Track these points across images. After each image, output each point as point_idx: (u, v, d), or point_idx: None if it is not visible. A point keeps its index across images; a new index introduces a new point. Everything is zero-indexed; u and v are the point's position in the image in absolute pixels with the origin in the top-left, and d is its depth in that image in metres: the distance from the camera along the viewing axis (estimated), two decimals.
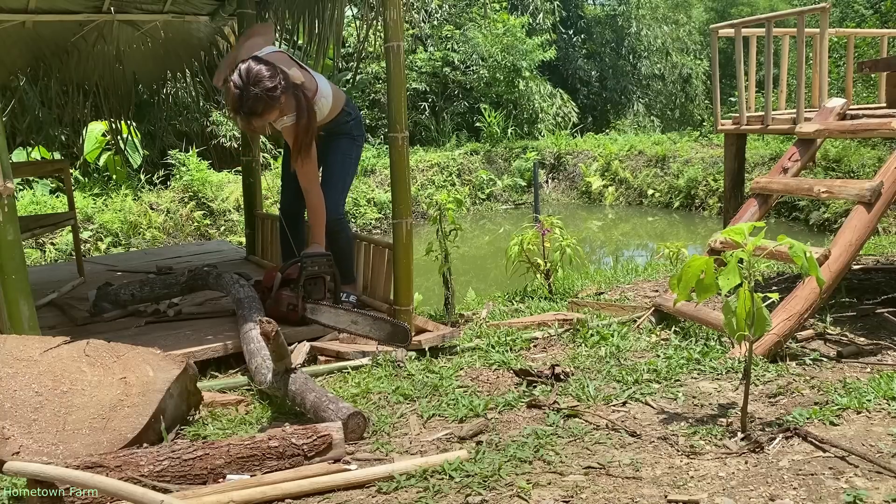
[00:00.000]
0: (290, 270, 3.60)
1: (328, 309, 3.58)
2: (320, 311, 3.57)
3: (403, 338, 3.36)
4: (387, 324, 3.44)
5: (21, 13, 4.57)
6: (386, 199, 11.96)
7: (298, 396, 2.62)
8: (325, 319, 3.56)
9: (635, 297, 4.52)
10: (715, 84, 5.31)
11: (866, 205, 3.37)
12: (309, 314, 3.58)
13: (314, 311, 3.58)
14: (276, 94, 3.34)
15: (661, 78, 20.41)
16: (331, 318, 3.54)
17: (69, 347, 2.60)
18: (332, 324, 3.53)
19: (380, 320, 3.48)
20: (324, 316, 3.57)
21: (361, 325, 3.47)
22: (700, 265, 2.38)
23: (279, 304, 3.57)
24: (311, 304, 3.58)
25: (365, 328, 3.46)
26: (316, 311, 3.58)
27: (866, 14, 13.18)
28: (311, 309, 3.58)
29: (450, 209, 4.10)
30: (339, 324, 3.52)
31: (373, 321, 3.46)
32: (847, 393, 2.66)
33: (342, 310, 3.57)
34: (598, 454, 2.29)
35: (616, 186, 13.88)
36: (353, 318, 3.51)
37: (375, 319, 3.47)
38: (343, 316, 3.53)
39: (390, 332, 3.42)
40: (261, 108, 3.33)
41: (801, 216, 10.46)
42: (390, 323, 3.44)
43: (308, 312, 3.58)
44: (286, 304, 3.56)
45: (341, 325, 3.51)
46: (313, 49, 4.98)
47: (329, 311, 3.57)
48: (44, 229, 4.90)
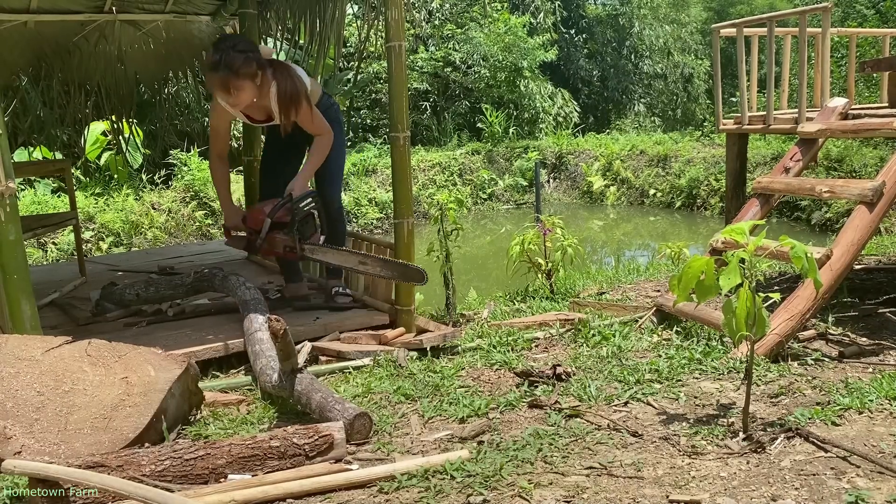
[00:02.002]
0: (281, 213, 3.52)
1: (329, 249, 3.52)
2: (321, 251, 3.51)
3: (419, 277, 3.34)
4: (398, 265, 3.40)
5: (23, 13, 4.57)
6: (387, 199, 11.96)
7: (304, 397, 2.62)
8: (331, 259, 3.50)
9: (637, 297, 4.52)
10: (716, 84, 5.30)
11: (868, 205, 3.37)
12: (309, 254, 3.53)
13: (314, 252, 3.53)
14: (252, 56, 3.37)
15: (662, 77, 20.39)
16: (336, 258, 3.49)
17: (71, 347, 2.60)
18: (338, 263, 3.48)
19: (391, 261, 3.43)
20: (328, 255, 3.51)
21: (372, 266, 3.42)
22: (700, 266, 2.38)
23: (274, 246, 3.52)
24: (308, 245, 3.53)
25: (375, 268, 3.41)
26: (316, 251, 3.53)
27: (868, 14, 13.16)
28: (309, 249, 3.53)
29: (451, 209, 4.10)
30: (346, 263, 3.46)
31: (383, 262, 3.41)
32: (849, 393, 2.65)
33: (346, 250, 3.53)
34: (599, 454, 2.29)
35: (618, 186, 13.87)
36: (361, 258, 3.46)
37: (386, 261, 3.43)
38: (349, 256, 3.49)
39: (403, 271, 3.37)
40: (238, 63, 3.30)
41: (803, 216, 10.45)
42: (402, 264, 3.41)
43: (308, 252, 3.52)
44: (282, 247, 3.52)
45: (349, 264, 3.45)
46: (314, 49, 4.99)
47: (331, 251, 3.51)
48: (45, 229, 4.90)
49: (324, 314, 3.78)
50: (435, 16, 17.25)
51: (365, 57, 13.27)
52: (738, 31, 4.70)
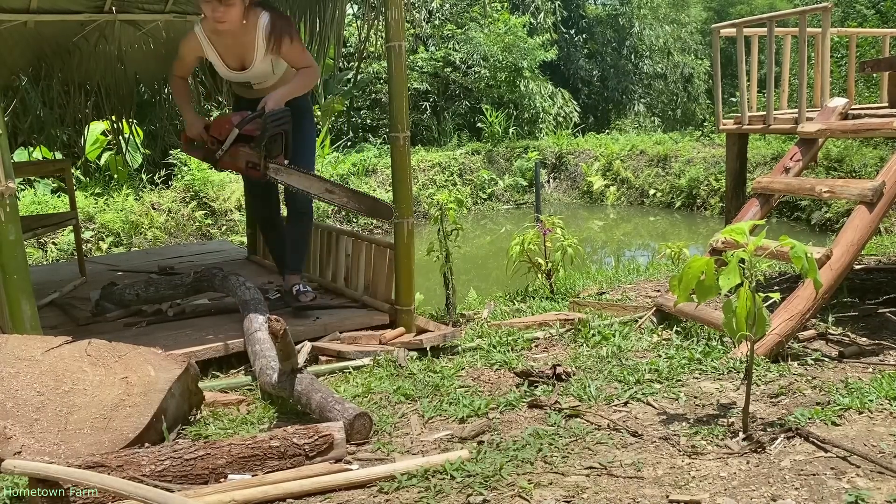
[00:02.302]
0: (250, 127, 3.41)
1: (295, 171, 3.41)
2: (286, 173, 3.41)
3: (387, 213, 3.30)
4: (367, 198, 3.35)
5: (23, 13, 4.57)
6: (387, 199, 11.95)
7: (304, 397, 2.62)
8: (295, 182, 3.38)
9: (637, 297, 4.52)
10: (716, 84, 5.30)
11: (868, 205, 3.37)
12: (272, 174, 3.43)
13: (279, 172, 3.43)
14: None
15: (662, 77, 20.38)
16: (300, 182, 3.38)
17: (71, 347, 2.60)
18: (302, 187, 3.36)
19: (360, 194, 3.37)
20: (292, 178, 3.39)
21: (339, 195, 3.33)
22: (700, 266, 2.38)
23: (236, 160, 3.42)
24: (273, 164, 3.43)
25: (342, 198, 3.33)
26: (280, 171, 3.43)
27: (868, 14, 13.16)
28: (274, 169, 3.43)
29: (451, 209, 4.10)
30: (311, 189, 3.35)
31: (352, 193, 3.33)
32: (849, 393, 2.65)
33: (314, 176, 3.41)
34: (599, 454, 2.29)
35: (617, 186, 13.87)
36: (328, 186, 3.36)
37: (355, 192, 3.36)
38: (315, 182, 3.38)
39: (372, 205, 3.31)
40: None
41: (803, 216, 10.44)
42: (371, 198, 3.36)
43: (272, 172, 3.43)
44: (245, 161, 3.42)
45: (314, 190, 3.35)
46: (314, 49, 4.98)
47: (296, 174, 3.40)
48: (45, 229, 4.91)
49: (324, 314, 3.78)
50: (435, 16, 17.25)
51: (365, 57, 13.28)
52: (738, 31, 4.69)
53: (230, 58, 3.56)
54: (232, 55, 3.54)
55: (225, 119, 3.51)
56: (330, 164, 12.88)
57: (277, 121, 3.40)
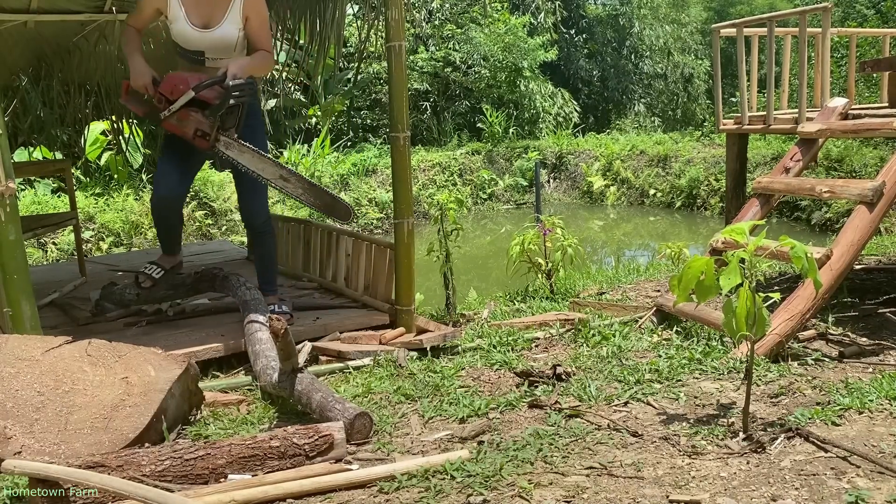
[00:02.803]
0: (208, 93, 3.16)
1: (248, 149, 3.19)
2: (237, 149, 3.19)
3: (345, 214, 3.17)
4: (326, 194, 3.17)
5: (23, 13, 4.56)
6: (387, 199, 11.96)
7: (305, 396, 2.62)
8: (247, 162, 3.16)
9: (637, 297, 4.52)
10: (716, 84, 5.30)
11: (868, 205, 3.37)
12: (222, 147, 3.21)
13: (229, 147, 3.20)
14: None
15: (662, 77, 20.38)
16: (252, 162, 3.17)
17: (71, 347, 2.60)
18: (253, 169, 3.16)
19: (318, 187, 3.18)
20: (244, 156, 3.17)
21: (294, 185, 3.16)
22: (700, 266, 2.38)
23: (184, 125, 3.17)
24: (225, 137, 3.20)
25: (297, 189, 3.15)
26: (231, 146, 3.20)
27: (868, 14, 13.16)
28: (225, 142, 3.20)
29: (451, 209, 4.10)
30: (263, 172, 3.15)
31: (309, 185, 3.14)
32: (849, 393, 2.65)
33: (268, 159, 3.22)
34: (599, 454, 2.29)
35: (618, 186, 13.87)
36: (283, 172, 3.16)
37: (313, 185, 3.17)
38: (269, 166, 3.19)
39: (329, 202, 3.13)
40: None
41: (803, 216, 10.44)
42: (330, 194, 3.20)
43: (222, 145, 3.20)
44: (194, 128, 3.17)
45: (266, 175, 3.14)
46: (314, 49, 4.99)
47: (249, 152, 3.19)
48: (45, 229, 4.91)
49: (324, 314, 3.78)
50: (435, 16, 17.25)
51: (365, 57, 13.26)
52: (738, 31, 4.69)
53: (196, 13, 3.28)
54: (198, 11, 3.28)
55: (179, 77, 3.23)
56: (330, 164, 12.88)
57: (240, 90, 3.16)
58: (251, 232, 3.71)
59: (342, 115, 15.63)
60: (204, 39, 3.32)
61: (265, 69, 3.57)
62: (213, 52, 3.35)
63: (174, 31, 3.31)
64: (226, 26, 3.31)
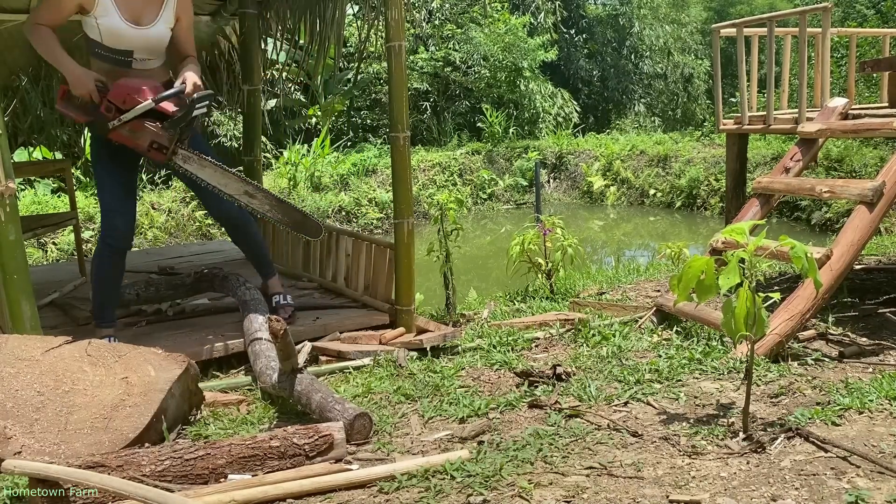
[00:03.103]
0: (170, 103, 3.00)
1: (210, 163, 3.03)
2: (198, 163, 3.03)
3: (315, 231, 3.07)
4: (297, 211, 3.07)
5: (23, 13, 4.57)
6: (387, 199, 11.96)
7: (304, 397, 2.62)
8: (207, 176, 3.00)
9: (637, 297, 4.52)
10: (716, 84, 5.30)
11: (868, 205, 3.37)
12: (180, 161, 3.04)
13: (188, 161, 3.04)
14: None
15: (662, 77, 20.38)
16: (214, 177, 3.01)
17: (71, 347, 2.60)
18: (215, 184, 3.01)
19: (287, 204, 3.07)
20: (205, 171, 3.01)
21: (260, 201, 3.03)
22: (700, 266, 2.38)
23: (137, 137, 2.98)
24: (183, 151, 3.04)
25: (264, 205, 3.04)
26: (190, 160, 3.04)
27: (868, 14, 13.16)
28: (183, 156, 3.04)
29: (451, 209, 4.10)
30: (226, 187, 3.00)
31: (277, 201, 3.01)
32: (849, 393, 2.65)
33: (232, 173, 3.08)
34: (599, 454, 2.29)
35: (618, 186, 13.87)
36: (249, 188, 3.00)
37: (281, 201, 3.06)
38: (233, 180, 3.04)
39: (299, 220, 3.03)
40: None
41: (803, 216, 10.45)
42: (301, 212, 3.08)
43: (179, 159, 3.04)
44: (149, 141, 2.99)
45: (230, 190, 2.99)
46: (314, 49, 4.98)
47: (210, 166, 3.03)
48: (45, 229, 4.91)
49: (324, 314, 3.78)
50: (435, 16, 17.25)
51: (365, 57, 13.26)
52: (738, 31, 4.69)
53: (127, 9, 3.04)
54: (129, 6, 3.04)
55: (131, 86, 3.01)
56: (330, 164, 12.88)
57: (203, 101, 3.03)
58: (230, 227, 3.49)
59: (342, 115, 15.63)
60: (137, 38, 3.08)
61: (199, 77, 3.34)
62: (144, 53, 3.13)
63: (104, 26, 3.02)
64: (160, 25, 3.13)
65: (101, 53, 3.09)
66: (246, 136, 5.20)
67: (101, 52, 3.09)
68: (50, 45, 3.06)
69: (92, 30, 3.05)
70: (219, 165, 3.12)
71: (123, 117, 2.97)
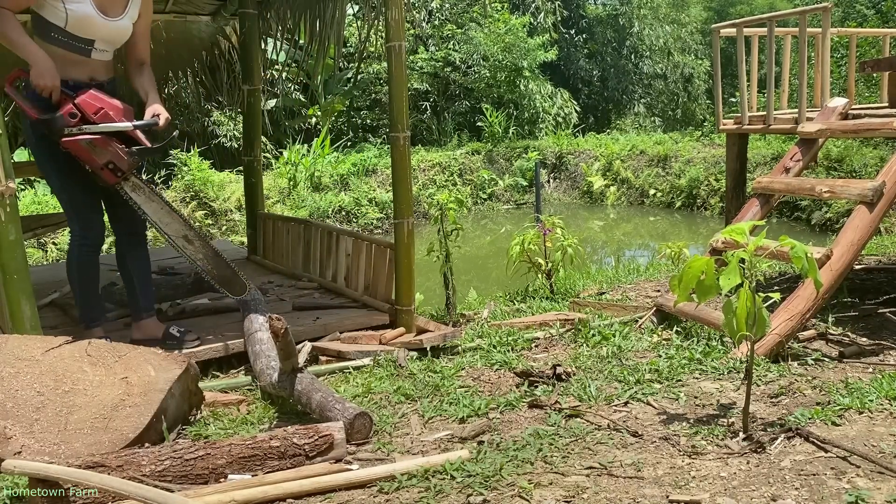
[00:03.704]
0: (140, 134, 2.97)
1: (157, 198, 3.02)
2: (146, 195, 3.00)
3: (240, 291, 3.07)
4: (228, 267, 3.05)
5: (23, 13, 4.56)
6: (387, 199, 11.96)
7: (304, 396, 2.62)
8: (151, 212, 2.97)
9: (637, 297, 4.52)
10: (716, 84, 5.30)
11: (868, 205, 3.37)
12: (129, 189, 3.00)
13: (136, 189, 3.00)
14: None
15: (662, 77, 20.39)
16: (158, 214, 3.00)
17: (71, 347, 2.60)
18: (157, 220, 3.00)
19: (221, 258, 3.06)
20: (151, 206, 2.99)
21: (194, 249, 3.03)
22: (701, 266, 2.38)
23: (97, 153, 2.88)
24: (136, 179, 3.01)
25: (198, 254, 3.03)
26: (140, 190, 3.00)
27: (868, 14, 13.16)
28: (133, 184, 3.00)
29: (451, 209, 4.10)
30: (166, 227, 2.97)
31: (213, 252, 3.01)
32: (849, 393, 2.65)
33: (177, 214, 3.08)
34: (599, 454, 2.29)
35: (618, 186, 13.87)
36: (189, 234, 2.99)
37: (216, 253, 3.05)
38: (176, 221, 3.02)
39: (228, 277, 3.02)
40: None
41: (803, 216, 10.45)
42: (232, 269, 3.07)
43: (128, 186, 3.00)
44: (107, 159, 2.90)
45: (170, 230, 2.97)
46: (314, 49, 4.99)
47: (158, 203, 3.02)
48: (46, 229, 4.91)
49: (324, 314, 3.78)
50: (435, 16, 17.25)
51: (365, 57, 13.28)
52: (738, 31, 4.69)
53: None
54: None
55: (110, 103, 2.95)
56: (330, 163, 12.89)
57: (168, 139, 3.08)
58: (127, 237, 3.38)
59: (342, 115, 15.64)
60: (104, 28, 3.04)
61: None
62: (105, 45, 3.09)
63: (72, 12, 2.94)
64: (125, 19, 3.11)
65: (59, 39, 3.00)
66: (246, 136, 5.21)
67: (58, 38, 3.00)
68: (13, 29, 2.95)
69: (54, 14, 2.97)
70: (165, 203, 3.09)
71: (88, 128, 2.88)
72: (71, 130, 2.88)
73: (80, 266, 3.23)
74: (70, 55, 3.03)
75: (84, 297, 3.29)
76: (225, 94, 5.67)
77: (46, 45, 3.01)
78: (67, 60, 3.02)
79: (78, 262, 3.22)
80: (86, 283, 3.27)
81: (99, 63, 3.11)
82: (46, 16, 2.99)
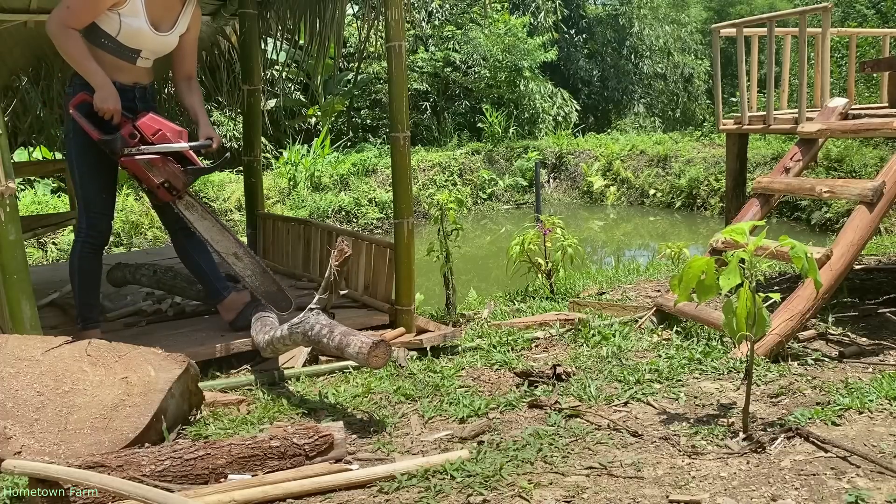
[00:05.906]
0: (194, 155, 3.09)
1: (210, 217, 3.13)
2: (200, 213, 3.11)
3: (286, 306, 3.17)
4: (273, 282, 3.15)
5: (23, 13, 4.57)
6: (387, 199, 11.96)
7: (327, 331, 2.68)
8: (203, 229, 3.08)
9: (637, 297, 4.52)
10: (716, 83, 5.30)
11: (868, 205, 3.37)
12: (183, 207, 3.14)
13: (191, 208, 3.13)
14: None
15: (662, 77, 20.40)
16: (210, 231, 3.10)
17: (71, 347, 2.60)
18: (208, 237, 3.11)
19: (268, 274, 3.16)
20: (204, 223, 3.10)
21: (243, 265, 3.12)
22: (701, 266, 2.38)
23: (154, 172, 3.01)
24: (190, 198, 3.16)
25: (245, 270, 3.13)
26: (194, 208, 3.13)
27: (868, 14, 13.16)
28: (188, 202, 3.15)
29: (451, 209, 4.10)
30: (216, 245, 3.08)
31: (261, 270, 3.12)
32: (849, 393, 2.65)
33: (229, 232, 3.19)
34: (599, 454, 2.29)
35: (618, 186, 13.88)
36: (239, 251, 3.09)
37: (264, 270, 3.16)
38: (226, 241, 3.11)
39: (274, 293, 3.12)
40: None
41: (803, 216, 10.45)
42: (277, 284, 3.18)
43: (183, 205, 3.14)
44: (164, 179, 3.04)
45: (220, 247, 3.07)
46: (314, 49, 4.98)
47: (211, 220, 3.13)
48: (45, 229, 4.91)
49: None
50: (435, 16, 17.25)
51: (365, 57, 13.27)
52: (738, 31, 4.69)
53: (151, 11, 3.09)
54: (153, 10, 3.10)
55: (166, 124, 3.09)
56: (330, 163, 12.89)
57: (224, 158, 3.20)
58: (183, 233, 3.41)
59: (342, 115, 15.64)
60: (153, 41, 3.16)
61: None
62: (150, 54, 3.21)
63: (126, 24, 3.04)
64: (174, 35, 3.23)
65: (109, 45, 3.10)
66: (246, 136, 5.20)
67: (108, 44, 3.10)
68: (82, 53, 3.03)
69: (108, 24, 3.06)
70: (217, 221, 3.21)
71: (146, 149, 3.01)
72: (129, 150, 3.00)
73: (82, 265, 3.27)
74: (117, 61, 3.14)
75: (83, 296, 3.31)
76: (225, 94, 5.67)
77: (95, 49, 3.10)
78: (114, 66, 3.13)
79: (80, 260, 3.26)
80: (86, 282, 3.29)
81: (142, 70, 3.25)
82: (100, 24, 3.07)
